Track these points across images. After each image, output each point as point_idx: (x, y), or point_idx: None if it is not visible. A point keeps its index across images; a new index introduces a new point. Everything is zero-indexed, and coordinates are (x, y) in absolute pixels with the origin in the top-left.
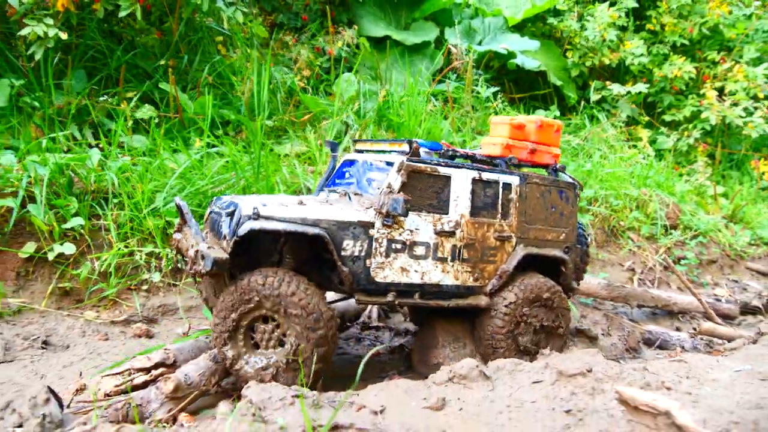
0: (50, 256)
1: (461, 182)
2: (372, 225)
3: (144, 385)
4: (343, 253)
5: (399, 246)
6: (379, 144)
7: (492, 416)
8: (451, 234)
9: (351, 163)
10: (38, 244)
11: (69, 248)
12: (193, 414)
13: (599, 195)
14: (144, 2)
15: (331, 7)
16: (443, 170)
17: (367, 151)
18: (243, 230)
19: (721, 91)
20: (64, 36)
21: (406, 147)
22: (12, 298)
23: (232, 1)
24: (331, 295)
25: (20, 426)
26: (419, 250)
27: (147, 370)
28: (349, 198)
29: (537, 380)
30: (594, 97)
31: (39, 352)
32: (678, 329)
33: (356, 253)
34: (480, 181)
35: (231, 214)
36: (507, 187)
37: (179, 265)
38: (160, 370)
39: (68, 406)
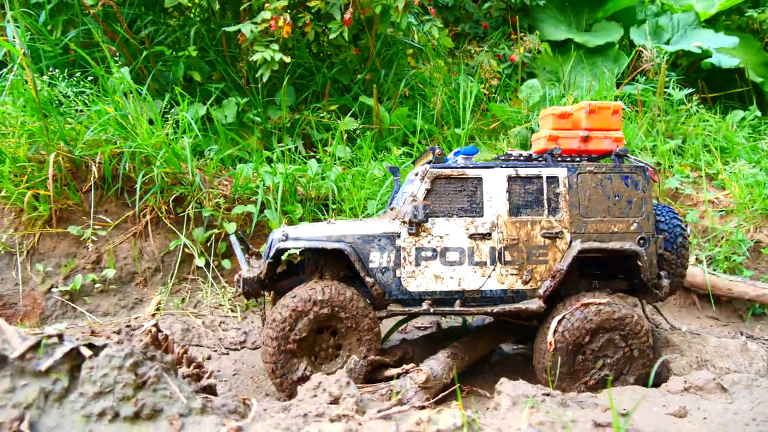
0: (283, 256)
1: (495, 182)
2: (398, 235)
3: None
4: (371, 265)
5: (429, 254)
6: (420, 160)
7: (739, 428)
8: (487, 236)
9: (410, 181)
10: None
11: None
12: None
13: None
14: (351, 24)
15: (512, 13)
16: (472, 172)
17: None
18: (273, 251)
19: None
20: (287, 60)
21: (431, 156)
22: None
23: (428, 16)
24: None
25: (334, 402)
26: (452, 256)
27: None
28: (385, 213)
29: None
30: None
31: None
32: None
33: (385, 264)
34: (518, 178)
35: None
36: (552, 180)
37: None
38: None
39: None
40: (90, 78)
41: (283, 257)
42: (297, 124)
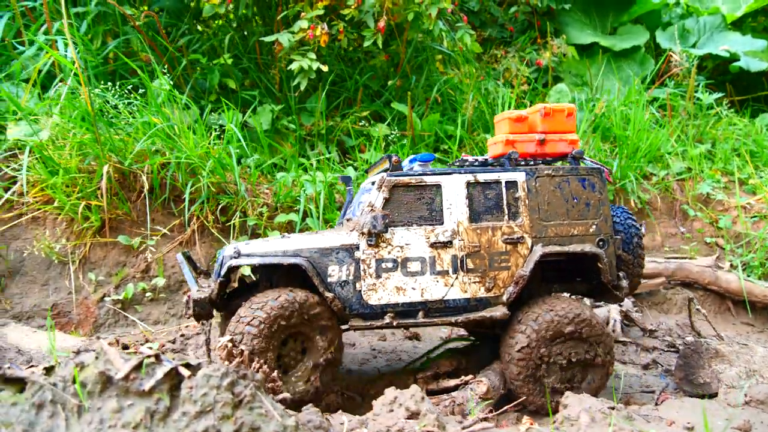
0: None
1: (454, 188)
2: (356, 247)
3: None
4: (330, 280)
5: (390, 265)
6: (374, 168)
7: None
8: (448, 244)
9: (366, 191)
10: None
11: None
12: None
13: None
14: (385, 31)
15: (537, 16)
16: (430, 179)
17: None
18: (225, 269)
19: None
20: (324, 69)
21: (387, 164)
22: None
23: (460, 23)
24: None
25: (412, 417)
26: (414, 266)
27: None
28: (341, 224)
29: None
30: None
31: None
32: None
33: (344, 278)
34: (477, 184)
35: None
36: (511, 185)
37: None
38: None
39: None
40: (129, 87)
41: (235, 276)
42: (331, 131)
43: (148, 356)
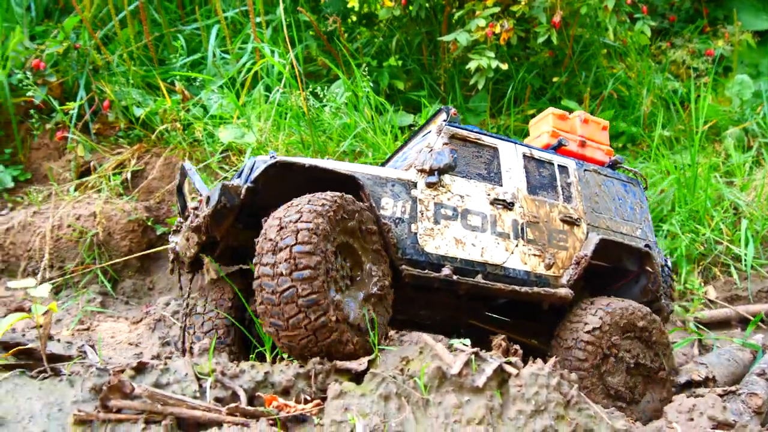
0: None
1: (511, 155)
2: (414, 184)
3: None
4: (383, 213)
5: (450, 212)
6: (428, 123)
7: None
8: (509, 206)
9: (416, 143)
10: None
11: None
12: None
13: None
14: (560, 26)
15: (704, 3)
16: (488, 140)
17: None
18: (259, 171)
19: None
20: (504, 67)
21: (443, 116)
22: None
23: (639, 14)
24: None
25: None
26: (474, 220)
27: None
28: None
29: None
30: None
31: None
32: None
33: (398, 215)
34: (532, 159)
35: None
36: (563, 170)
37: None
38: None
39: None
40: (323, 90)
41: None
42: (497, 129)
43: (476, 353)
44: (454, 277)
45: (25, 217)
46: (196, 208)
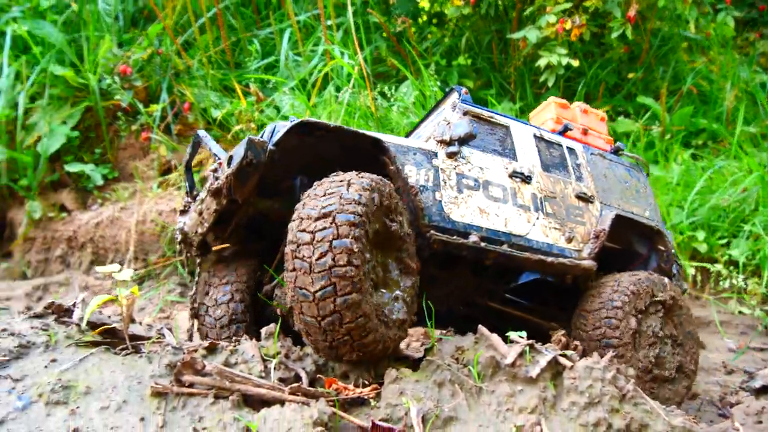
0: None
1: (523, 134)
2: (435, 154)
3: None
4: (407, 179)
5: (471, 183)
6: (440, 103)
7: None
8: (527, 179)
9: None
10: None
11: None
12: None
13: None
14: (635, 20)
15: None
16: (500, 119)
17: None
18: (282, 133)
19: None
20: (575, 63)
21: (455, 95)
22: None
23: (722, 5)
24: None
25: None
26: (495, 192)
27: None
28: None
29: None
30: None
31: None
32: None
33: (422, 183)
34: (542, 140)
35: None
36: (572, 151)
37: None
38: None
39: None
40: (393, 90)
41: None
42: None
43: (531, 345)
44: (482, 244)
45: (113, 213)
46: (215, 170)
